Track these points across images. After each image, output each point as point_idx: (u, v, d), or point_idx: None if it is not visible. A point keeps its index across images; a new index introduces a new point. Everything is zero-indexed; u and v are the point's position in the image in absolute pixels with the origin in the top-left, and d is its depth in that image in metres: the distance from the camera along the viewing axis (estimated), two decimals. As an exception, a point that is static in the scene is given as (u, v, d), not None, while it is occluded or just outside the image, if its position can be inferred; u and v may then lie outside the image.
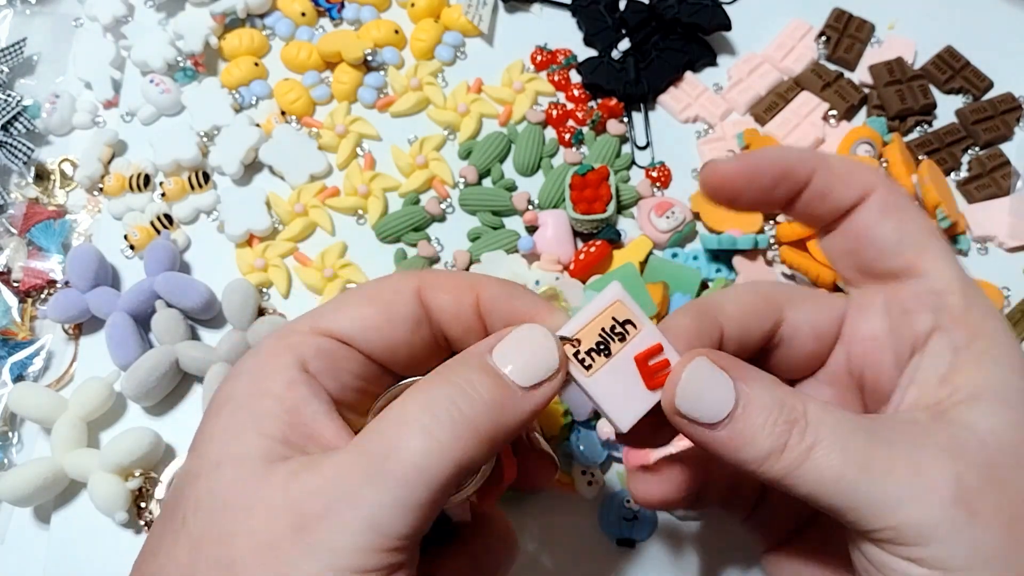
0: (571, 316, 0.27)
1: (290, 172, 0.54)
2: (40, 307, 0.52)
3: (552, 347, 0.26)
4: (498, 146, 0.54)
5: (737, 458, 0.25)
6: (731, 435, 0.25)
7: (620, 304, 0.27)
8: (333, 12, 0.60)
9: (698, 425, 0.26)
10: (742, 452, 0.25)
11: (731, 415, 0.25)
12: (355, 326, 0.28)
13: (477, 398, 0.24)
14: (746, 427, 0.25)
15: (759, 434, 0.25)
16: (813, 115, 0.55)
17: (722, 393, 0.25)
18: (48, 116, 0.56)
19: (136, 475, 0.46)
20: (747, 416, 0.25)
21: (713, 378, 0.26)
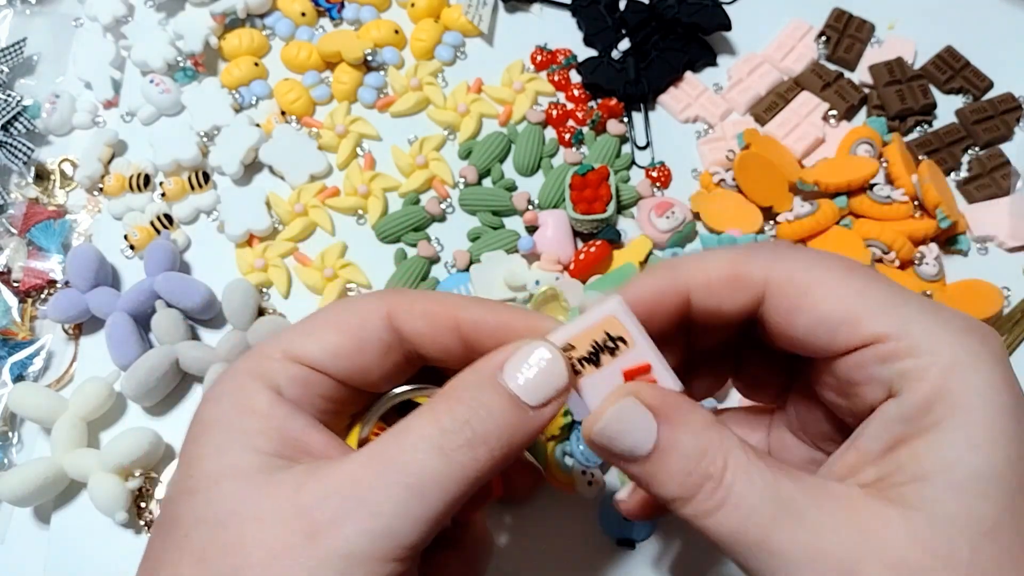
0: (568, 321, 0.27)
1: (290, 172, 0.54)
2: (40, 307, 0.52)
3: (560, 365, 0.26)
4: (498, 146, 0.54)
5: (651, 491, 0.26)
6: (644, 473, 0.26)
7: (614, 319, 0.27)
8: (333, 12, 0.60)
9: (615, 455, 0.26)
10: (653, 488, 0.26)
11: (647, 457, 0.25)
12: (325, 354, 0.28)
13: (490, 418, 0.25)
14: (659, 471, 0.25)
15: (670, 481, 0.25)
16: (813, 115, 0.55)
17: (643, 434, 0.25)
18: (48, 116, 0.56)
19: (136, 475, 0.46)
20: (662, 461, 0.25)
21: (637, 418, 0.25)
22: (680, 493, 0.25)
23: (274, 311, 0.51)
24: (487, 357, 0.26)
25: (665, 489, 0.25)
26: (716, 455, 0.25)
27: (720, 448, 0.25)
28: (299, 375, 0.27)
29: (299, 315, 0.50)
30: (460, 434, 0.24)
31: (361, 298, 0.29)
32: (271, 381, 0.27)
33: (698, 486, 0.24)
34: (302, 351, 0.28)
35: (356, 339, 0.28)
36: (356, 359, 0.28)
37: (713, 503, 0.24)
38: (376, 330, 0.28)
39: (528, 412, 0.25)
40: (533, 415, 0.26)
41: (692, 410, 0.26)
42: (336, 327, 0.28)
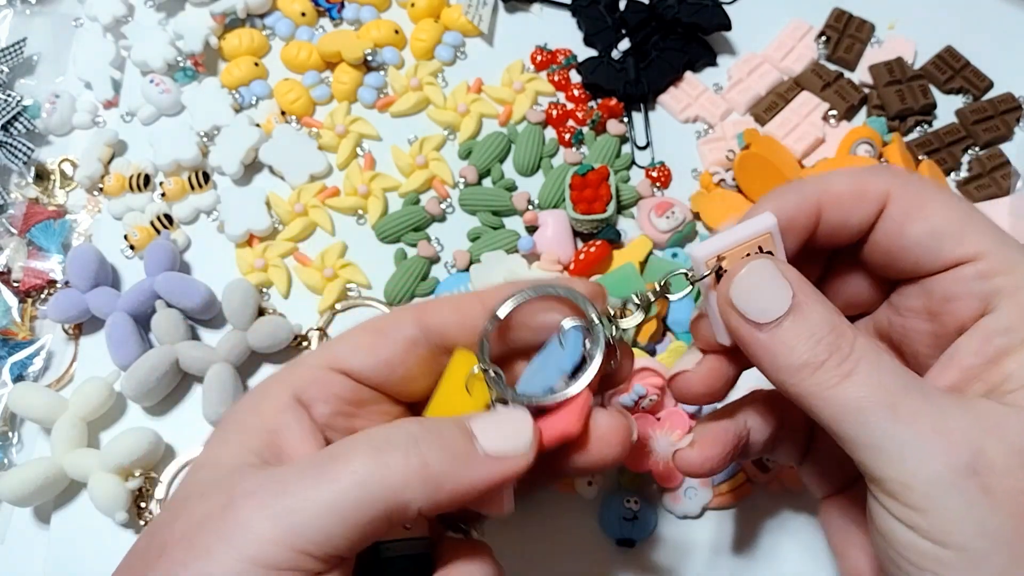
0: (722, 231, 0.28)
1: (290, 172, 0.54)
2: (40, 307, 0.52)
3: (528, 430, 0.26)
4: (498, 146, 0.54)
5: (773, 364, 0.26)
6: (773, 340, 0.26)
7: (769, 236, 0.28)
8: (333, 12, 0.60)
9: (745, 321, 0.26)
10: (779, 358, 0.25)
11: (779, 320, 0.25)
12: (349, 351, 0.29)
13: (437, 442, 0.25)
14: (790, 335, 0.25)
15: (800, 345, 0.25)
16: (813, 115, 0.55)
17: (778, 295, 0.26)
18: (48, 116, 0.56)
19: (136, 475, 0.46)
20: (795, 325, 0.25)
21: (773, 280, 0.26)
22: (808, 359, 0.25)
23: (274, 311, 0.51)
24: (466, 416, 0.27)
25: (792, 355, 0.25)
26: (845, 332, 0.25)
27: (849, 329, 0.25)
28: (320, 376, 0.29)
29: (299, 315, 0.50)
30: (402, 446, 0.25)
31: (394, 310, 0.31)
32: (293, 383, 0.29)
33: (827, 352, 0.25)
34: (328, 354, 0.30)
35: (382, 333, 0.30)
36: (381, 351, 0.29)
37: (842, 371, 0.24)
38: (402, 326, 0.30)
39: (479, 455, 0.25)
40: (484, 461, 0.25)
41: (821, 296, 0.26)
42: (364, 329, 0.30)
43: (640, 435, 0.46)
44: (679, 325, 0.49)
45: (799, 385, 0.25)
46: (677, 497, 0.45)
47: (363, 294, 0.52)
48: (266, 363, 0.50)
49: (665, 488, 0.46)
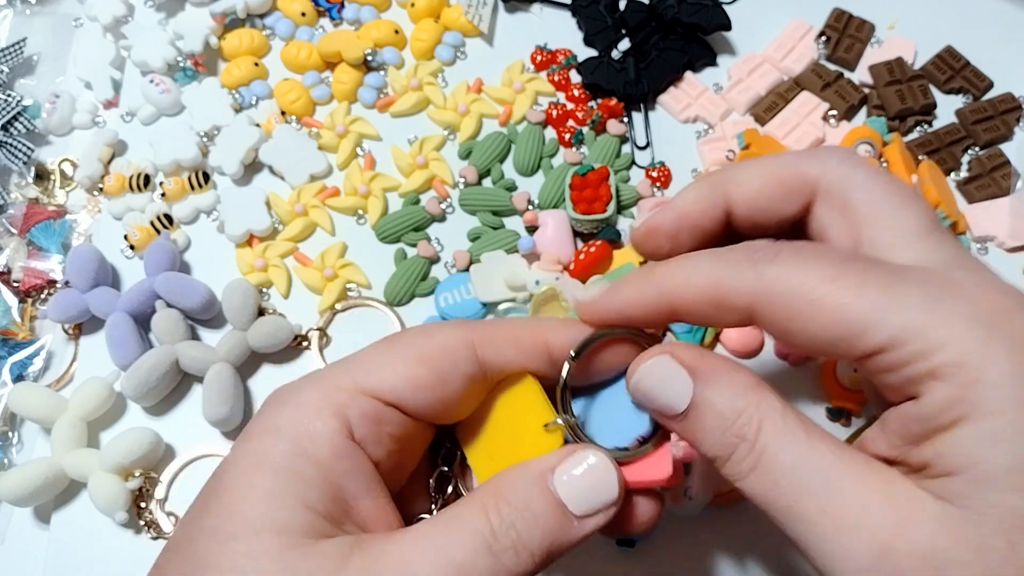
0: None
1: (290, 172, 0.54)
2: (40, 307, 0.52)
3: (613, 479, 0.26)
4: (498, 146, 0.54)
5: (696, 448, 0.26)
6: (683, 430, 0.26)
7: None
8: (333, 12, 0.60)
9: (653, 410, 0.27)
10: (696, 445, 0.26)
11: (685, 414, 0.26)
12: (404, 388, 0.27)
13: (534, 522, 0.25)
14: (696, 429, 0.26)
15: (707, 439, 0.25)
16: (813, 115, 0.55)
17: (678, 392, 0.26)
18: (48, 116, 0.56)
19: (136, 475, 0.46)
20: (697, 420, 0.25)
21: (671, 376, 0.26)
22: (716, 452, 0.25)
23: (274, 311, 0.51)
24: (542, 457, 0.26)
25: (702, 447, 0.25)
26: (752, 417, 0.24)
27: (757, 411, 0.25)
28: (372, 411, 0.26)
29: (299, 315, 0.50)
30: (506, 536, 0.24)
31: (439, 326, 0.28)
32: (342, 418, 0.26)
33: (732, 447, 0.25)
34: (378, 384, 0.26)
35: (438, 372, 0.27)
36: (439, 392, 0.27)
37: (746, 465, 0.24)
38: (460, 361, 0.27)
39: (573, 522, 0.25)
40: (578, 525, 0.25)
41: (730, 370, 0.26)
42: (418, 359, 0.27)
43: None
44: (679, 325, 0.49)
45: (720, 469, 0.25)
46: (677, 497, 0.45)
47: (363, 294, 0.52)
48: (266, 363, 0.50)
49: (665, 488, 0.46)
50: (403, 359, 0.27)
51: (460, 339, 0.27)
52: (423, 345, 0.27)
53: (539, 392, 0.28)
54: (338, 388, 0.26)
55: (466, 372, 0.27)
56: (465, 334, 0.27)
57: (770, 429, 0.24)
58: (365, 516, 0.26)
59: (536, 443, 0.27)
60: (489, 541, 0.24)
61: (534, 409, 0.28)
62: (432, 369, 0.27)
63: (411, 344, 0.27)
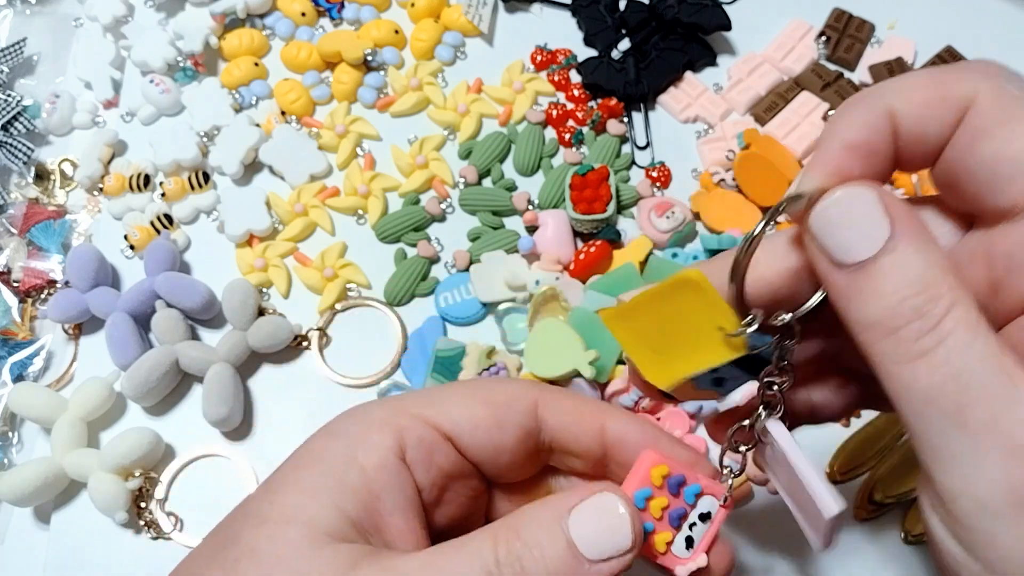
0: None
1: (290, 172, 0.54)
2: (40, 307, 0.52)
3: (627, 525, 0.25)
4: (498, 146, 0.54)
5: (845, 310, 0.22)
6: (850, 285, 0.21)
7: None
8: (333, 12, 0.60)
9: (822, 255, 0.22)
10: (852, 307, 0.21)
11: (862, 265, 0.21)
12: (464, 423, 0.28)
13: (542, 561, 0.24)
14: (869, 286, 0.21)
15: (876, 302, 0.21)
16: (813, 115, 0.55)
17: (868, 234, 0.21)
18: (48, 116, 0.56)
19: (136, 475, 0.46)
20: (877, 276, 0.21)
21: (869, 213, 0.21)
22: (883, 319, 0.21)
23: (274, 311, 0.51)
24: (560, 496, 0.26)
25: (868, 309, 0.21)
26: (943, 296, 0.20)
27: (951, 291, 0.20)
28: (428, 438, 0.27)
29: (299, 315, 0.50)
30: (510, 569, 0.24)
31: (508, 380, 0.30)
32: (400, 437, 0.27)
33: (907, 320, 0.20)
34: (442, 417, 0.28)
35: (498, 416, 0.28)
36: (494, 435, 0.28)
37: (920, 347, 0.20)
38: (521, 412, 0.28)
39: (584, 565, 0.24)
40: (589, 568, 0.24)
41: (928, 235, 0.21)
42: (483, 401, 0.28)
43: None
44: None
45: (867, 345, 0.21)
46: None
47: (363, 294, 0.52)
48: (266, 363, 0.50)
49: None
50: (468, 398, 0.28)
51: (525, 393, 0.28)
52: (490, 390, 0.29)
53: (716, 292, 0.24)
54: (403, 411, 0.27)
55: (523, 424, 0.28)
56: (531, 391, 0.29)
57: (962, 316, 0.20)
58: (394, 533, 0.26)
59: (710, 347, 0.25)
60: (491, 571, 0.24)
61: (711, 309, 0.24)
62: (492, 411, 0.28)
63: (479, 388, 0.29)
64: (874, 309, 0.21)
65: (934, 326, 0.20)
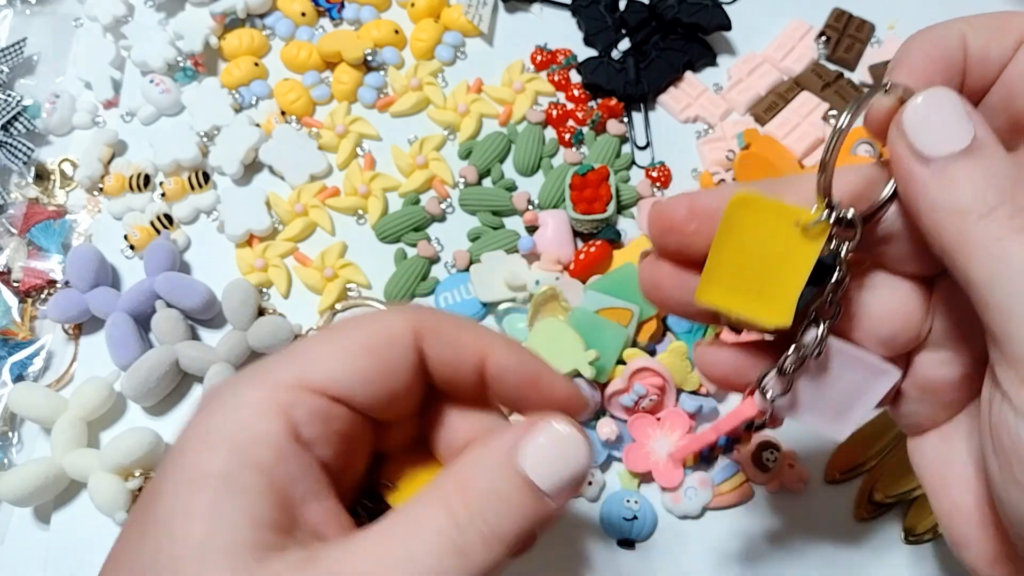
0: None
1: (290, 172, 0.54)
2: (40, 307, 0.52)
3: (581, 445, 0.24)
4: (498, 146, 0.54)
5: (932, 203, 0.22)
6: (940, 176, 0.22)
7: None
8: (333, 12, 0.60)
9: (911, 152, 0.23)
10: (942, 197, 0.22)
11: (952, 157, 0.22)
12: (352, 380, 0.25)
13: (506, 511, 0.23)
14: (961, 174, 0.22)
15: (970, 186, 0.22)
16: (813, 115, 0.55)
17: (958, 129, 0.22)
18: (48, 116, 0.56)
19: (136, 475, 0.46)
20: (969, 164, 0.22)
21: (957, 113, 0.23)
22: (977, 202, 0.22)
23: (274, 311, 0.51)
24: (502, 435, 0.24)
25: (960, 194, 0.22)
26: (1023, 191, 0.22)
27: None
28: (321, 409, 0.24)
29: (299, 315, 0.50)
30: (474, 529, 0.22)
31: (382, 315, 0.26)
32: (289, 417, 0.23)
33: (1000, 201, 0.22)
34: (323, 377, 0.24)
35: (385, 361, 0.25)
36: (387, 385, 0.25)
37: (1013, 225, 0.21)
38: (406, 350, 0.25)
39: (545, 499, 0.23)
40: (550, 502, 0.23)
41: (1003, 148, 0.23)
42: (362, 348, 0.25)
43: (640, 435, 0.46)
44: (679, 325, 0.49)
45: (958, 232, 0.22)
46: (677, 497, 0.45)
47: (363, 294, 0.52)
48: (266, 363, 0.50)
49: (665, 488, 0.46)
50: (346, 350, 0.25)
51: (404, 328, 0.25)
52: (366, 333, 0.25)
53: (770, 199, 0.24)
54: (281, 385, 0.24)
55: (412, 363, 0.26)
56: (408, 323, 0.26)
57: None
58: (315, 521, 0.24)
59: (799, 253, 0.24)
60: (455, 539, 0.22)
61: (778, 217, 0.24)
62: (377, 359, 0.25)
63: (353, 333, 0.25)
64: (966, 193, 0.22)
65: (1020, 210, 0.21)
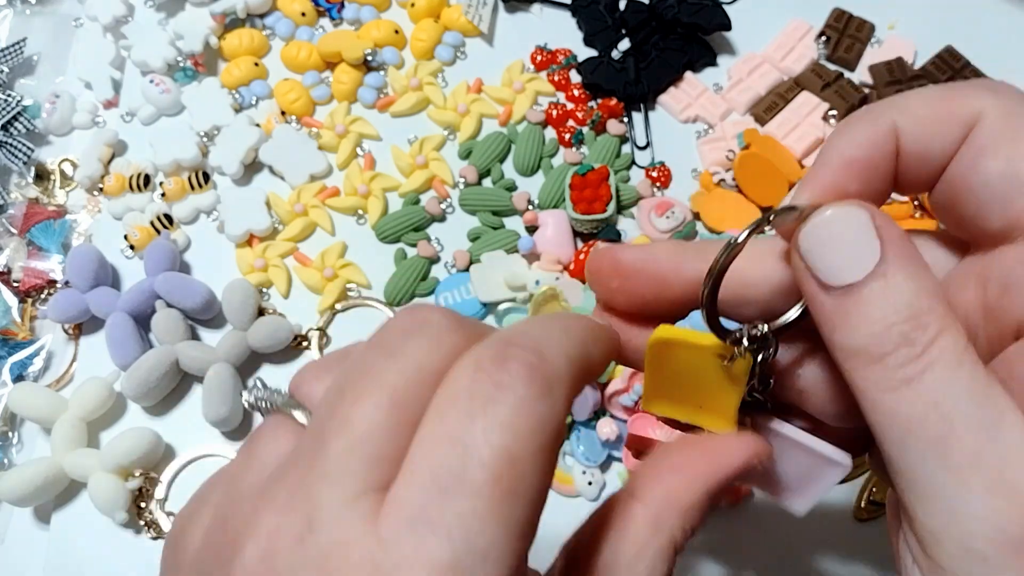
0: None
1: (290, 172, 0.54)
2: (40, 307, 0.52)
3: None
4: (498, 146, 0.54)
5: (829, 335, 0.21)
6: (836, 309, 0.20)
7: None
8: (333, 12, 0.60)
9: (809, 275, 0.21)
10: (837, 332, 0.20)
11: (849, 288, 0.20)
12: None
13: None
14: (857, 310, 0.20)
15: (864, 326, 0.20)
16: (813, 115, 0.55)
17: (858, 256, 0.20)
18: (48, 116, 0.56)
19: (136, 475, 0.46)
20: (867, 300, 0.20)
21: (860, 234, 0.20)
22: (869, 346, 0.20)
23: (274, 311, 0.51)
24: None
25: (853, 335, 0.20)
26: (931, 324, 0.19)
27: (939, 319, 0.20)
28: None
29: (299, 315, 0.50)
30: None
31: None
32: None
33: (894, 346, 0.19)
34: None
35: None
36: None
37: (904, 374, 0.19)
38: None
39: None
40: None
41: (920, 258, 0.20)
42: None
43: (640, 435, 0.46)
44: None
45: (851, 372, 0.20)
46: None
47: (363, 294, 0.52)
48: (266, 363, 0.50)
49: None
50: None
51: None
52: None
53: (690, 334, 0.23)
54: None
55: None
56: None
57: (949, 345, 0.19)
58: None
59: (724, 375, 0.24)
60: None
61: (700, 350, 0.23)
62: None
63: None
64: (860, 335, 0.20)
65: (920, 354, 0.19)
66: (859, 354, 0.20)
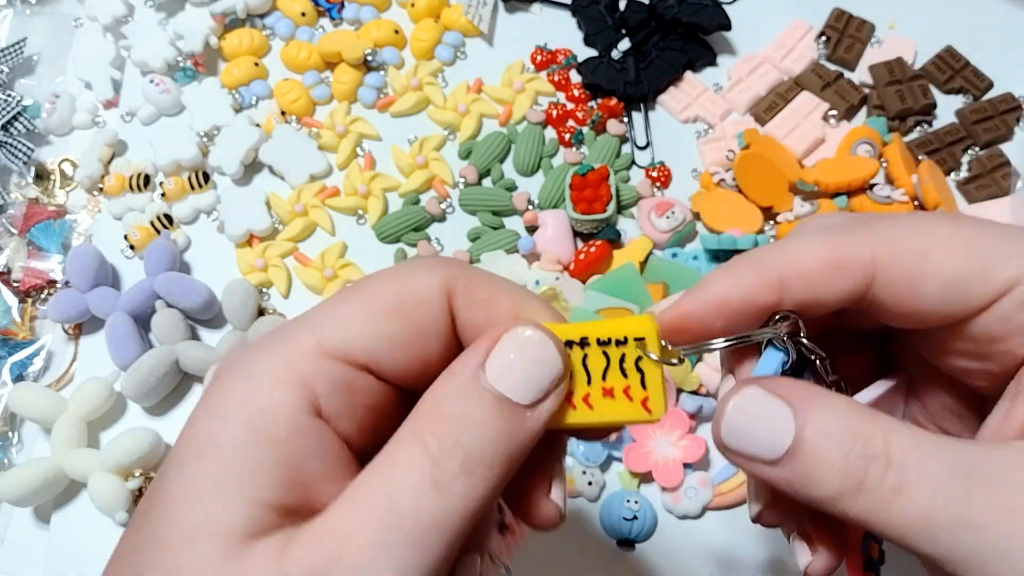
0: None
1: (290, 172, 0.54)
2: (40, 307, 0.52)
3: (550, 347, 0.22)
4: (498, 146, 0.54)
5: (809, 497, 0.22)
6: (793, 473, 0.22)
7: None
8: (333, 12, 0.60)
9: (754, 462, 0.22)
10: (812, 491, 0.21)
11: (791, 451, 0.21)
12: (379, 345, 0.22)
13: (481, 433, 0.21)
14: (811, 463, 0.21)
15: (827, 471, 0.21)
16: (813, 115, 0.55)
17: (779, 426, 0.22)
18: (48, 116, 0.56)
19: (136, 475, 0.46)
20: (812, 450, 0.21)
21: (767, 409, 0.22)
22: (844, 484, 0.21)
23: (274, 311, 0.51)
24: (465, 355, 0.22)
25: (823, 486, 0.21)
26: (873, 434, 0.21)
27: (875, 427, 0.21)
28: (343, 379, 0.22)
29: (299, 315, 0.50)
30: (453, 459, 0.20)
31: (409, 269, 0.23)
32: (308, 389, 0.21)
33: (863, 470, 0.21)
34: (347, 343, 0.22)
35: (414, 324, 0.22)
36: (415, 350, 0.22)
37: (888, 488, 0.20)
38: (437, 313, 0.23)
39: (524, 413, 0.21)
40: (531, 415, 0.21)
41: (829, 394, 0.22)
42: (389, 309, 0.22)
43: (640, 435, 0.46)
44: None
45: (848, 512, 0.21)
46: (677, 497, 0.45)
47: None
48: (266, 363, 0.50)
49: (665, 488, 0.46)
50: (373, 312, 0.22)
51: (435, 286, 0.23)
52: (394, 291, 0.23)
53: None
54: (300, 352, 0.22)
55: (444, 327, 0.23)
56: (440, 278, 0.23)
57: (900, 440, 0.21)
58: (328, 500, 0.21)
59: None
60: (432, 473, 0.20)
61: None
62: (407, 321, 0.22)
63: (379, 291, 0.23)
64: (832, 479, 0.21)
65: (888, 460, 0.20)
66: (842, 494, 0.21)
